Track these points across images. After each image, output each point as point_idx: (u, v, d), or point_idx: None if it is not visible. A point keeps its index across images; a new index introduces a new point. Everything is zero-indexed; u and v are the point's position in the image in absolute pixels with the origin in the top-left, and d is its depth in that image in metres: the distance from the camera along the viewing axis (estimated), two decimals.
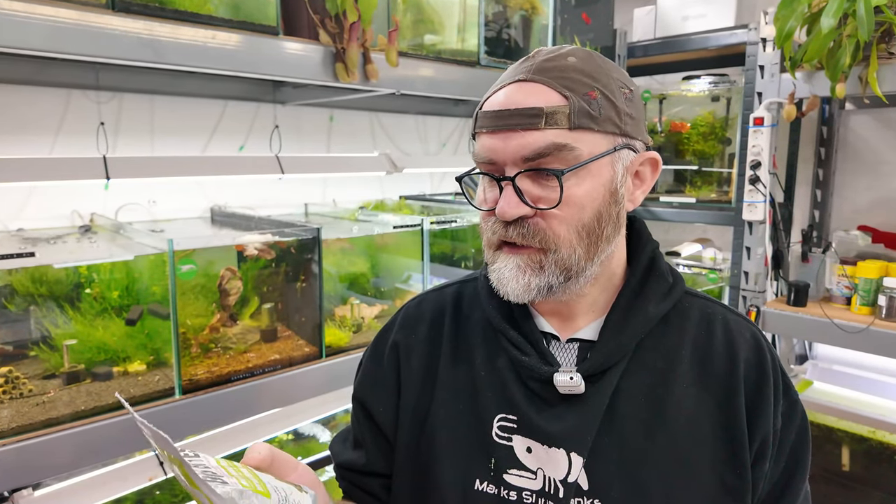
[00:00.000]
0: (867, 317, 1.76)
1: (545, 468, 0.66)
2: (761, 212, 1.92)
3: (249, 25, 1.21)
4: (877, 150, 2.25)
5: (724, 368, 0.69)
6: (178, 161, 1.42)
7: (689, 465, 0.65)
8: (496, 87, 0.68)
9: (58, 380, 1.14)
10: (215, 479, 0.50)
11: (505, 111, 0.64)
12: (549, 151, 0.62)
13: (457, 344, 0.76)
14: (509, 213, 0.63)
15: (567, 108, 0.63)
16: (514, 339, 0.71)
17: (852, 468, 1.95)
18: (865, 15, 1.49)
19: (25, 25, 0.94)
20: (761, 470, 0.67)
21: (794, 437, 0.70)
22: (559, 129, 0.63)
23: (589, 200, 0.65)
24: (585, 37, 2.05)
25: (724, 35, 2.06)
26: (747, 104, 1.96)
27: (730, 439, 0.66)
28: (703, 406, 0.67)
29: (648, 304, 0.70)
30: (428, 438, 0.72)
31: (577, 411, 0.66)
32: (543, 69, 0.65)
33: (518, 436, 0.68)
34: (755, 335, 0.72)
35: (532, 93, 0.64)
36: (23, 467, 1.02)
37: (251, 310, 1.36)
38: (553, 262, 0.64)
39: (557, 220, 0.64)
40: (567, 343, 0.72)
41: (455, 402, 0.72)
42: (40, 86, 1.40)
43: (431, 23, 1.62)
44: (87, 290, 1.17)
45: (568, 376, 0.66)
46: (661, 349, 0.70)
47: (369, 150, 2.04)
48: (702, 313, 0.73)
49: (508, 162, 0.64)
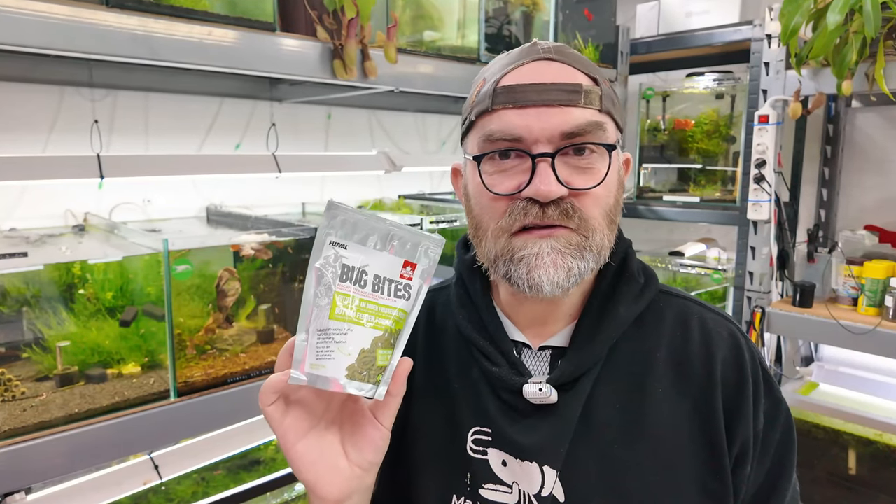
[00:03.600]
0: (874, 318, 1.75)
1: (520, 482, 0.64)
2: (766, 211, 1.90)
3: (246, 21, 1.20)
4: (884, 148, 2.23)
5: (701, 370, 0.66)
6: (173, 159, 1.41)
7: (669, 471, 0.63)
8: (511, 65, 0.63)
9: (51, 382, 1.13)
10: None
11: (539, 85, 0.60)
12: (589, 129, 0.60)
13: (430, 355, 0.73)
14: (553, 192, 0.58)
15: (599, 91, 0.62)
16: (485, 350, 0.68)
17: (859, 472, 1.94)
18: (872, 11, 1.47)
19: (18, 21, 0.93)
20: (743, 473, 0.65)
21: (779, 437, 0.68)
22: (594, 109, 0.61)
23: (614, 185, 0.64)
24: (587, 33, 2.03)
25: (729, 31, 2.05)
26: (752, 102, 1.94)
27: (709, 443, 0.64)
28: (680, 410, 0.65)
29: (619, 307, 0.67)
30: (405, 453, 0.70)
31: (550, 422, 0.64)
32: (563, 52, 0.64)
33: (493, 449, 0.66)
34: (733, 333, 0.69)
35: (563, 71, 0.62)
36: (15, 471, 1.02)
37: (247, 311, 1.34)
38: (590, 246, 0.61)
39: (592, 201, 0.61)
40: (539, 351, 0.69)
41: (430, 415, 0.70)
42: (33, 83, 1.39)
43: (431, 19, 1.61)
44: (80, 291, 1.15)
45: (538, 387, 0.63)
46: (635, 353, 0.67)
47: (368, 148, 2.03)
48: (677, 313, 0.70)
49: (542, 139, 0.60)
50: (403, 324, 0.58)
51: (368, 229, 0.56)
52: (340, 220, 0.56)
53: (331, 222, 0.56)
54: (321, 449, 0.58)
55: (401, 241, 0.57)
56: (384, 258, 0.57)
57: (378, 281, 0.57)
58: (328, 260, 0.55)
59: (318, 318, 0.55)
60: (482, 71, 0.68)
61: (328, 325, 0.55)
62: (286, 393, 0.57)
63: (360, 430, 0.59)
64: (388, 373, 0.57)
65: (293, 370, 0.54)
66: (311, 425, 0.58)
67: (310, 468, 0.57)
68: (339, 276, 0.55)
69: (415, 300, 0.58)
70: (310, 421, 0.58)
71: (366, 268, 0.56)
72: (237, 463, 1.60)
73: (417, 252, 0.58)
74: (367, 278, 0.56)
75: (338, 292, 0.55)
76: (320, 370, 0.55)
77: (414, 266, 0.58)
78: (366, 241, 0.56)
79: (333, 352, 0.55)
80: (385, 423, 0.59)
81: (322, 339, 0.55)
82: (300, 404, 0.58)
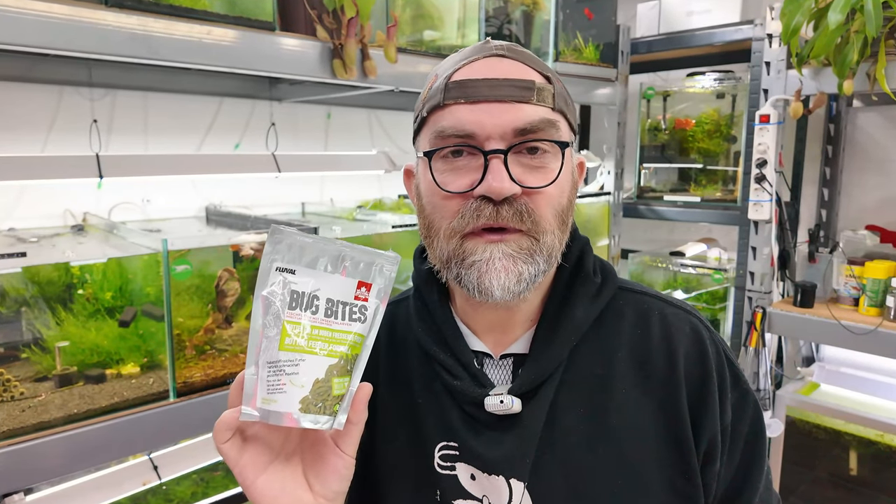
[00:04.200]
0: (875, 318, 1.74)
1: (489, 496, 0.63)
2: (767, 211, 1.90)
3: (245, 21, 1.20)
4: (885, 147, 2.22)
5: (664, 367, 0.65)
6: (172, 159, 1.41)
7: (636, 473, 0.62)
8: (463, 61, 0.62)
9: (50, 382, 1.13)
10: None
11: (493, 80, 0.59)
12: (542, 126, 0.59)
13: (393, 372, 0.71)
14: (506, 189, 0.57)
15: (552, 89, 0.61)
16: (445, 363, 0.66)
17: (860, 472, 1.93)
18: (873, 10, 1.47)
19: (17, 21, 0.93)
20: (713, 469, 0.64)
21: (748, 429, 0.67)
22: (546, 107, 0.60)
23: (567, 185, 0.63)
24: (588, 32, 2.03)
25: (730, 31, 2.04)
26: (753, 101, 1.94)
27: (676, 441, 0.63)
28: (644, 410, 0.63)
29: (576, 309, 0.65)
30: (373, 471, 0.69)
31: (514, 434, 0.62)
32: (515, 50, 0.63)
33: (461, 463, 0.65)
34: (695, 327, 0.67)
35: (516, 68, 0.61)
36: (14, 471, 1.02)
37: (247, 311, 1.34)
38: (541, 249, 0.59)
39: (545, 201, 0.60)
40: (500, 360, 0.67)
41: (396, 432, 0.68)
42: (32, 82, 1.39)
43: (431, 18, 1.60)
44: (79, 291, 1.15)
45: (499, 399, 0.62)
46: (596, 355, 0.65)
47: (367, 147, 2.02)
48: (637, 310, 0.68)
49: (494, 136, 0.58)
50: (360, 348, 0.56)
51: (317, 251, 0.54)
52: (287, 244, 0.53)
53: (275, 247, 0.53)
54: (283, 483, 0.56)
55: (353, 262, 0.55)
56: (336, 280, 0.54)
57: (331, 305, 0.54)
58: (275, 287, 0.53)
59: (267, 349, 0.52)
60: (435, 68, 0.66)
61: (278, 356, 0.52)
62: (241, 428, 0.55)
63: (321, 461, 0.57)
64: (347, 401, 0.55)
65: (244, 406, 0.52)
66: (270, 459, 0.56)
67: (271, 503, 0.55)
68: (289, 304, 0.53)
69: (371, 321, 0.56)
70: (268, 455, 0.56)
71: (317, 292, 0.54)
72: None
73: (372, 271, 0.56)
74: (318, 303, 0.54)
75: (287, 321, 0.52)
76: (272, 405, 0.52)
77: (369, 286, 0.56)
78: (315, 263, 0.54)
79: (285, 385, 0.52)
80: (348, 451, 0.57)
81: (272, 372, 0.52)
82: (257, 439, 0.55)
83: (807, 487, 1.99)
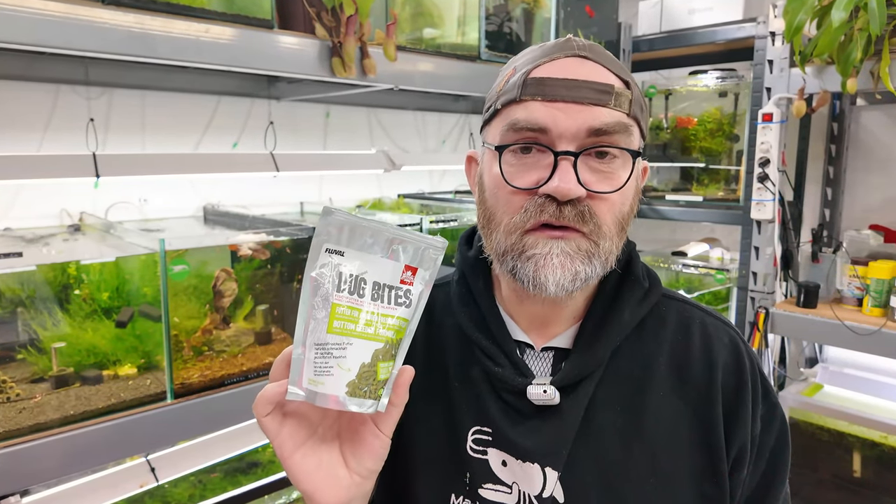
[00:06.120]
0: (879, 318, 1.73)
1: (520, 483, 0.65)
2: (770, 210, 1.89)
3: (243, 19, 1.19)
4: (889, 146, 2.21)
5: (702, 375, 0.67)
6: (169, 158, 1.40)
7: (666, 475, 0.64)
8: (543, 58, 0.62)
9: (46, 384, 1.12)
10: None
11: (571, 81, 0.59)
12: (617, 130, 0.60)
13: (430, 354, 0.72)
14: (572, 191, 0.58)
15: (630, 94, 0.61)
16: (487, 349, 0.67)
17: (864, 474, 1.92)
18: (877, 8, 1.46)
19: (12, 18, 0.92)
20: (739, 477, 0.66)
21: (774, 442, 0.69)
22: (622, 112, 0.60)
23: (630, 192, 0.63)
24: (589, 31, 2.01)
25: (732, 29, 2.03)
26: (756, 100, 1.93)
27: (707, 448, 0.65)
28: (680, 414, 0.66)
29: (623, 312, 0.67)
30: (403, 452, 0.70)
31: (552, 424, 0.64)
32: (596, 51, 0.63)
33: (493, 449, 0.66)
34: (733, 339, 0.70)
35: (596, 70, 0.61)
36: (10, 473, 1.01)
37: (245, 312, 1.33)
38: (599, 253, 0.61)
39: (607, 207, 0.61)
40: (542, 352, 0.69)
41: (429, 414, 0.70)
42: (28, 81, 1.39)
43: (431, 16, 1.59)
44: (76, 292, 1.14)
45: (542, 389, 0.64)
46: (637, 357, 0.67)
47: (367, 147, 2.02)
48: (679, 318, 0.71)
49: (567, 136, 0.59)
50: (404, 333, 0.56)
51: (367, 234, 0.54)
52: (337, 225, 0.53)
53: (327, 228, 0.53)
54: (319, 458, 0.57)
55: (402, 246, 0.55)
56: (384, 264, 0.55)
57: (377, 288, 0.54)
58: (325, 268, 0.53)
59: (315, 331, 0.53)
60: (512, 60, 0.67)
61: (326, 339, 0.53)
62: (281, 403, 0.56)
63: (359, 439, 0.58)
64: (390, 384, 0.56)
65: (290, 385, 0.52)
66: (309, 435, 0.57)
67: (307, 478, 0.56)
68: (337, 286, 0.53)
69: (416, 307, 0.56)
70: (307, 430, 0.57)
71: (364, 275, 0.54)
72: (234, 465, 1.59)
73: (419, 255, 0.56)
74: (365, 287, 0.54)
75: (336, 304, 0.53)
76: (319, 387, 0.52)
77: (415, 271, 0.56)
78: (364, 246, 0.54)
79: (332, 367, 0.53)
80: (386, 431, 0.58)
81: (320, 355, 0.53)
82: (297, 415, 0.56)
83: (810, 489, 1.98)
